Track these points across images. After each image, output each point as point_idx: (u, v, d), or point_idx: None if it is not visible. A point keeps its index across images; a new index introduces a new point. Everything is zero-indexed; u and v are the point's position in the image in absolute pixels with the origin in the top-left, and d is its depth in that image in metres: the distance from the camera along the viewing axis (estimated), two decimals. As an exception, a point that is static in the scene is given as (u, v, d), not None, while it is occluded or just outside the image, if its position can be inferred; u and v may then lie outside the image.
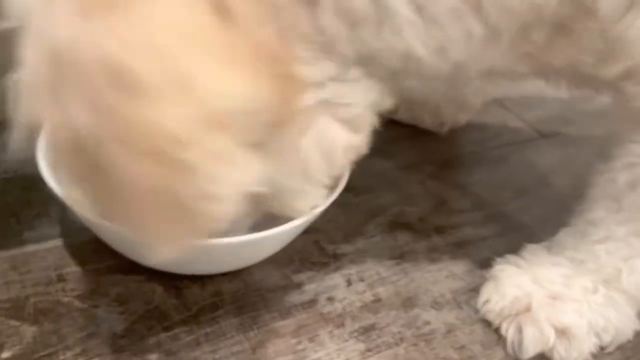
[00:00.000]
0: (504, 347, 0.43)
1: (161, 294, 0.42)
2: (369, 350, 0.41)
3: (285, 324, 0.42)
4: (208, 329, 0.41)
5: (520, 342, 0.43)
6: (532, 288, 0.44)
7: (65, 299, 0.41)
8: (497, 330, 0.44)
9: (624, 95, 0.38)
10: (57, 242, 0.46)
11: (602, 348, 0.44)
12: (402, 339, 0.43)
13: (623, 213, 0.41)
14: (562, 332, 0.42)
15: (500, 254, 0.49)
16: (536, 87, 0.48)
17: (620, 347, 0.44)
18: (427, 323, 0.44)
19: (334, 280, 0.46)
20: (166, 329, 0.40)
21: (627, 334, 0.44)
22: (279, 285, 0.45)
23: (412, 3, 0.31)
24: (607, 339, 0.43)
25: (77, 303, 0.41)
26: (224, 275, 0.44)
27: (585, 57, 0.36)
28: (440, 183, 0.59)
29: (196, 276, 0.44)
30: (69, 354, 0.38)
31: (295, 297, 0.44)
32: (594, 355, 0.43)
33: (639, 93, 0.36)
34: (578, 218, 0.45)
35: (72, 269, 0.44)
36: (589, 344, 0.43)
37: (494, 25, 0.33)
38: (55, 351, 0.38)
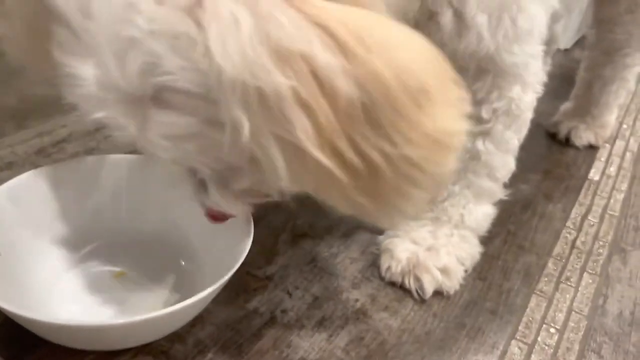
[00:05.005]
0: (411, 296, 0.59)
1: (152, 363, 0.47)
2: (330, 335, 0.52)
3: (264, 342, 0.50)
4: (208, 373, 0.47)
5: (422, 287, 0.58)
6: (415, 247, 0.60)
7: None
8: (401, 286, 0.59)
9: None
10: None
11: (465, 271, 0.62)
12: (347, 318, 0.55)
13: (454, 175, 0.60)
14: (444, 270, 0.59)
15: (376, 232, 0.64)
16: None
17: (474, 268, 0.64)
18: (357, 300, 0.57)
19: (279, 296, 0.56)
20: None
21: (477, 256, 0.63)
22: (241, 316, 0.53)
23: None
24: (468, 264, 0.62)
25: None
26: (192, 325, 0.50)
27: None
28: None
29: (172, 336, 0.48)
30: None
31: (258, 320, 0.52)
32: (462, 279, 0.61)
33: None
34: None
35: None
36: (460, 272, 0.61)
37: None
38: None
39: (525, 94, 0.56)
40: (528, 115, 0.58)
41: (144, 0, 0.29)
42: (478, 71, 0.53)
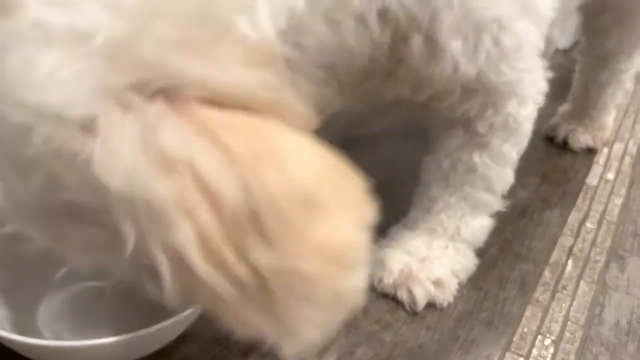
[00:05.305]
0: (404, 308, 0.58)
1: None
2: (320, 350, 0.52)
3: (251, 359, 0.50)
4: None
5: (414, 299, 0.58)
6: (408, 259, 0.59)
7: None
8: (394, 298, 0.59)
9: (432, 110, 0.54)
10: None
11: (459, 283, 0.61)
12: (338, 332, 0.54)
13: (450, 187, 0.59)
14: (437, 283, 0.59)
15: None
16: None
17: (469, 278, 0.63)
18: (349, 313, 0.56)
19: (269, 309, 0.55)
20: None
21: (472, 268, 0.62)
22: (229, 331, 0.52)
23: None
24: (462, 276, 0.61)
25: None
26: (179, 341, 0.49)
27: (404, 90, 0.51)
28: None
29: (158, 352, 0.47)
30: None
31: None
32: (457, 290, 0.61)
33: (440, 109, 0.53)
34: (420, 197, 0.62)
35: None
36: (454, 285, 0.60)
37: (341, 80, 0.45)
38: None
39: (524, 108, 0.53)
40: (528, 127, 0.56)
41: (41, 121, 0.29)
42: (465, 92, 0.50)
